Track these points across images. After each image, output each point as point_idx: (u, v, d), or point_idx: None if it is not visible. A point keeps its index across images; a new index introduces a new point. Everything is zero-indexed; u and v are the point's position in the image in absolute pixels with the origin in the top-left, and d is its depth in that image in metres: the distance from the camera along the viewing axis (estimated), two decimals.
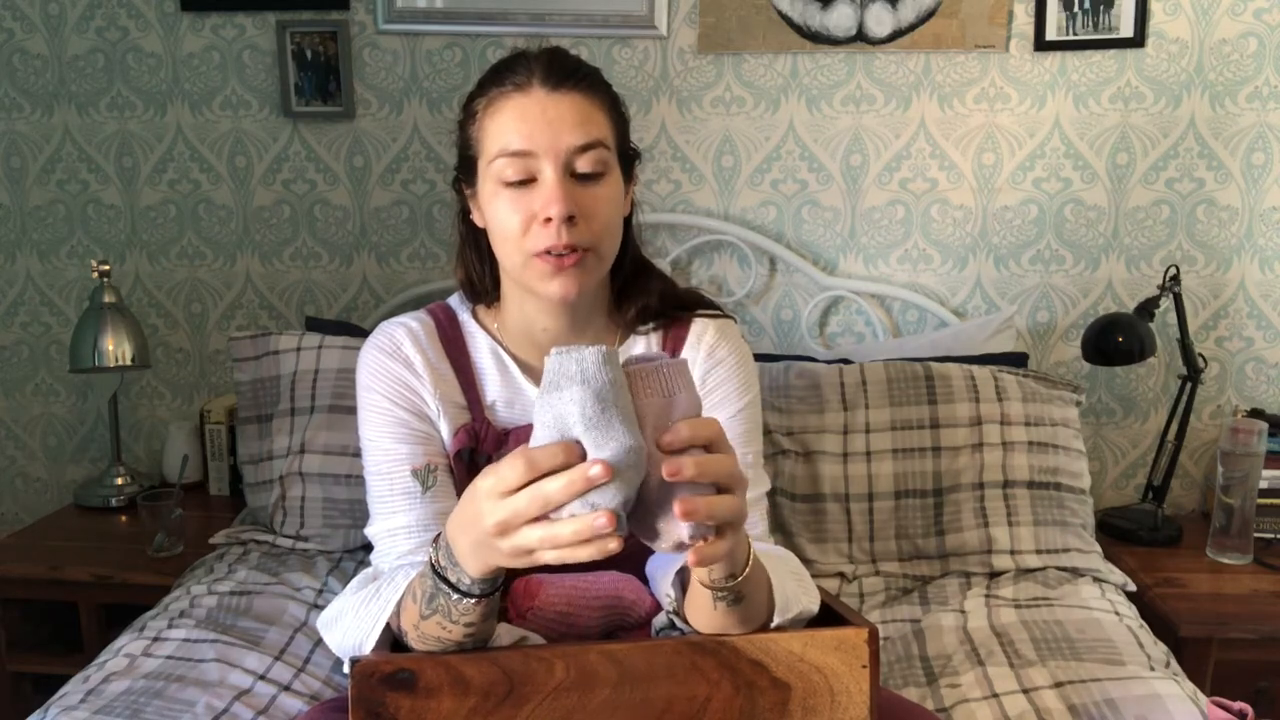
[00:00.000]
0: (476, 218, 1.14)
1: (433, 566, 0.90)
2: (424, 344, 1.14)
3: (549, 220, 1.04)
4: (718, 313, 1.23)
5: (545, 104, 1.05)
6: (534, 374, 1.16)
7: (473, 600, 0.88)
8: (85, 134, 2.13)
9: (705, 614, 0.95)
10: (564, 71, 1.06)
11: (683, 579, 1.01)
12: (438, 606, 0.90)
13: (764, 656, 0.94)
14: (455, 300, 1.22)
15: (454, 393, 1.14)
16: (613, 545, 0.75)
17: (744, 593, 0.92)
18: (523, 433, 1.10)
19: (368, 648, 0.99)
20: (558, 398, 0.77)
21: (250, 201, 2.13)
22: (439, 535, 0.90)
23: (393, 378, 1.12)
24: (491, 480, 0.79)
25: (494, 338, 1.18)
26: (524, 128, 1.04)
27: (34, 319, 2.21)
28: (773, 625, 0.98)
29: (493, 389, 1.15)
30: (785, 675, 0.94)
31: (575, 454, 0.76)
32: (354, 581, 1.08)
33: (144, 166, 2.13)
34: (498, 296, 1.19)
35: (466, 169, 1.13)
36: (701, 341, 1.19)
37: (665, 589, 1.04)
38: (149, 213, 2.15)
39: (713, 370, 1.18)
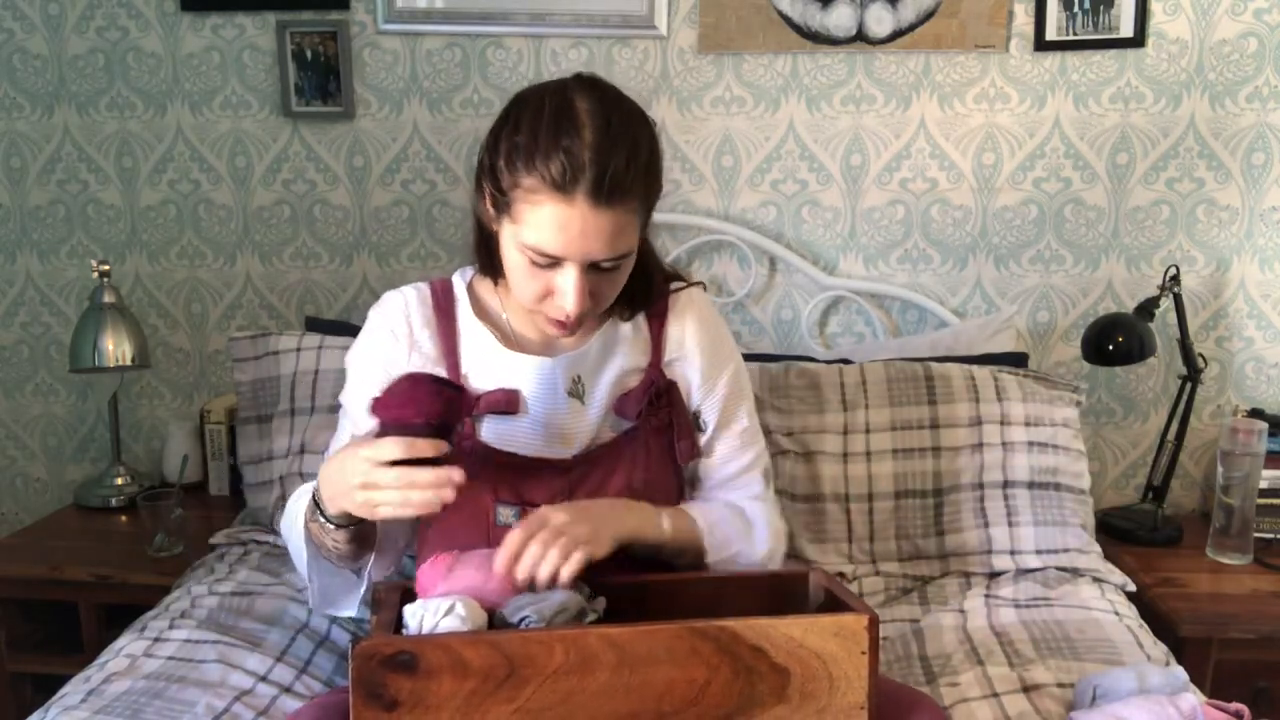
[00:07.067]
0: (490, 224, 1.15)
1: (314, 496, 1.10)
2: (414, 309, 1.23)
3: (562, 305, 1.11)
4: (685, 283, 1.29)
5: (586, 219, 1.04)
6: (522, 340, 1.24)
7: (333, 526, 1.09)
8: (85, 134, 2.13)
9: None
10: (611, 188, 1.04)
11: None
12: (313, 521, 1.12)
13: (764, 642, 0.96)
14: (457, 276, 1.28)
15: (432, 357, 1.21)
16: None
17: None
18: (490, 397, 1.20)
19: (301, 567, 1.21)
20: None
21: (250, 201, 2.13)
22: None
23: (381, 339, 1.23)
24: (370, 450, 0.99)
25: (483, 309, 1.24)
26: (559, 239, 1.05)
27: (34, 319, 2.21)
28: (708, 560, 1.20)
29: (468, 357, 1.22)
30: (784, 660, 0.96)
31: (441, 449, 0.99)
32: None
33: (144, 166, 2.13)
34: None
35: (493, 195, 1.11)
36: (686, 314, 1.27)
37: None
38: (149, 213, 2.15)
39: (703, 334, 1.27)
